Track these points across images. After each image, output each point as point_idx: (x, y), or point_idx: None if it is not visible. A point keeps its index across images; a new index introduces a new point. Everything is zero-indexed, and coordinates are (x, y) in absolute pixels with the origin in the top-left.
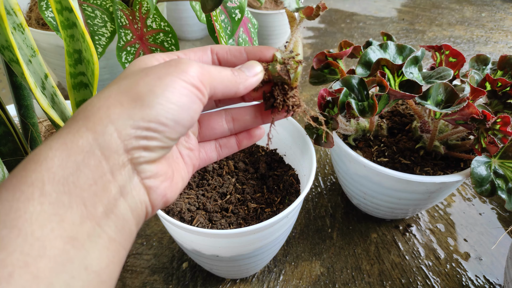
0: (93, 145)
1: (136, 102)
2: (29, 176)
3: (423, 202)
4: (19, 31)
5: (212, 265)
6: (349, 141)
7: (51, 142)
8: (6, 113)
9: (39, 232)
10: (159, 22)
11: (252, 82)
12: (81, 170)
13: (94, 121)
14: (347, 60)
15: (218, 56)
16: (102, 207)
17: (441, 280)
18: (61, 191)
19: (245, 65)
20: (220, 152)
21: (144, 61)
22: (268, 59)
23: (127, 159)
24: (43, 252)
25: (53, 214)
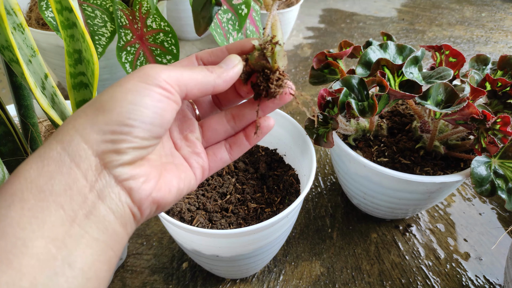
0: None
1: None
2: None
3: (423, 202)
4: (19, 31)
5: (212, 265)
6: (349, 141)
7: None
8: (6, 113)
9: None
10: (159, 22)
11: (231, 74)
12: (55, 177)
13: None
14: (347, 60)
15: (203, 60)
16: (80, 209)
17: (441, 280)
18: (39, 198)
19: (223, 60)
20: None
21: None
22: (249, 50)
23: (99, 164)
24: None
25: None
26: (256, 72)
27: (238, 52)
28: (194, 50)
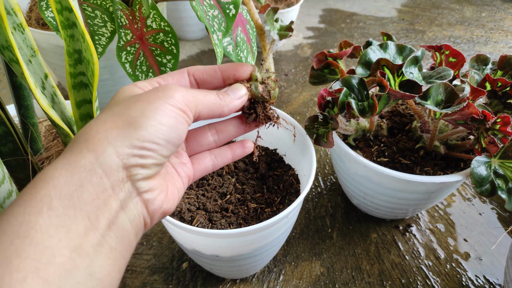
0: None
1: (131, 124)
2: (38, 193)
3: (423, 202)
4: (19, 31)
5: (212, 265)
6: (349, 141)
7: (56, 163)
8: (6, 113)
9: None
10: (159, 22)
11: (237, 104)
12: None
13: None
14: (347, 60)
15: (195, 77)
16: (104, 219)
17: (441, 280)
18: (67, 205)
19: (230, 88)
20: (215, 162)
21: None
22: (243, 77)
23: (126, 176)
24: (52, 260)
25: (60, 225)
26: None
27: (231, 75)
28: (194, 50)
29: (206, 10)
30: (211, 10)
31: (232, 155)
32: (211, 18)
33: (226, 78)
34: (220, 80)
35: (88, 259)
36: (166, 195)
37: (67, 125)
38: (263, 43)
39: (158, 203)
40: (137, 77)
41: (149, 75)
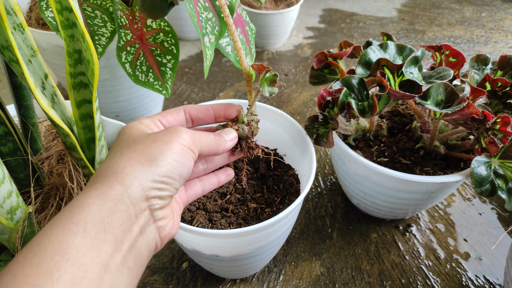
0: (123, 195)
1: (152, 162)
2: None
3: (423, 202)
4: (19, 31)
5: (212, 265)
6: (349, 141)
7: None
8: (6, 113)
9: (82, 260)
10: (159, 22)
11: (229, 145)
12: (114, 213)
13: (123, 177)
14: (347, 60)
15: (191, 115)
16: (127, 242)
17: (441, 280)
18: (99, 229)
19: (223, 131)
20: (204, 188)
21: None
22: (230, 116)
23: (146, 206)
24: (85, 275)
25: (93, 246)
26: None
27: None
28: (194, 50)
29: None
30: (205, 12)
31: (218, 181)
32: (204, 20)
33: (217, 116)
34: (212, 118)
35: (112, 276)
36: (173, 222)
37: (67, 125)
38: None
39: (168, 229)
40: (137, 77)
41: (149, 75)
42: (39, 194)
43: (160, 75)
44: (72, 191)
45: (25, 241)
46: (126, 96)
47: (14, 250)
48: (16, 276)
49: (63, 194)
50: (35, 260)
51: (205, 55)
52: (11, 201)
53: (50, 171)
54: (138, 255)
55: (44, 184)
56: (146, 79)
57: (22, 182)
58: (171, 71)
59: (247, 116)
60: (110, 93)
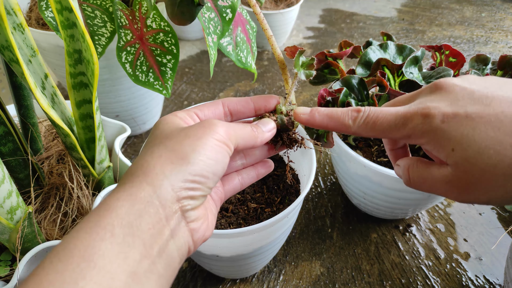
0: (152, 196)
1: (184, 160)
2: (101, 221)
3: (423, 202)
4: (19, 31)
5: (212, 265)
6: (349, 141)
7: (117, 194)
8: (6, 113)
9: (109, 266)
10: (159, 22)
11: (268, 136)
12: (143, 216)
13: (152, 177)
14: (347, 60)
15: (229, 108)
16: (157, 247)
17: (441, 280)
18: (127, 233)
19: (261, 121)
20: (242, 182)
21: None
22: (271, 107)
23: (178, 207)
24: (111, 283)
25: (120, 252)
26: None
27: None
28: (194, 50)
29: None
30: (208, 12)
31: (257, 174)
32: (207, 20)
33: (257, 109)
34: (252, 111)
35: (140, 284)
36: (207, 223)
37: (67, 125)
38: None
39: (201, 232)
40: (137, 77)
41: (149, 75)
42: (39, 194)
43: (160, 75)
44: (72, 191)
45: (25, 241)
46: (126, 96)
47: (14, 250)
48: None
49: (63, 194)
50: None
51: (210, 55)
52: (11, 201)
53: (50, 171)
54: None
55: (44, 184)
56: (146, 79)
57: (22, 182)
58: (171, 71)
59: (286, 106)
60: (110, 93)
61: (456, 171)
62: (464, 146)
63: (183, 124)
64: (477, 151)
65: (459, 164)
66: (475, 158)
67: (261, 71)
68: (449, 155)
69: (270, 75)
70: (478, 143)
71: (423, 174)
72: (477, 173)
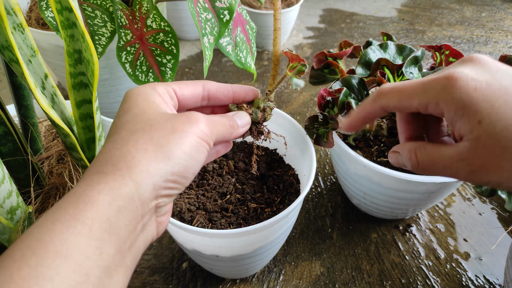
0: (134, 194)
1: (169, 159)
2: (80, 215)
3: (423, 202)
4: (19, 31)
5: (212, 265)
6: (349, 141)
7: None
8: (6, 113)
9: (85, 263)
10: (159, 22)
11: (241, 132)
12: (122, 212)
13: (136, 173)
14: (347, 60)
15: (209, 92)
16: (129, 242)
17: (441, 280)
18: (105, 229)
19: (237, 115)
20: None
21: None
22: (250, 99)
23: (154, 204)
24: (86, 279)
25: (96, 248)
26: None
27: (241, 96)
28: (194, 50)
29: (199, 12)
30: (205, 13)
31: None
32: (203, 21)
33: (236, 99)
34: (231, 100)
35: (111, 278)
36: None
37: (67, 125)
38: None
39: (165, 224)
40: (137, 77)
41: (149, 75)
42: (39, 194)
43: (160, 75)
44: None
45: None
46: None
47: None
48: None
49: (63, 194)
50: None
51: (205, 55)
52: (11, 201)
53: (50, 171)
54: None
55: (44, 184)
56: (146, 79)
57: (22, 182)
58: (171, 71)
59: (264, 102)
60: (110, 93)
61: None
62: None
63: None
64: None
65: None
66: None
67: (260, 71)
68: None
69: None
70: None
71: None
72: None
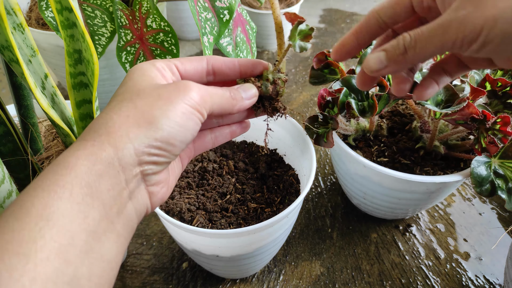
0: (114, 158)
1: (151, 124)
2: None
3: (423, 202)
4: (19, 31)
5: (212, 265)
6: (349, 141)
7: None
8: (6, 113)
9: (69, 226)
10: (159, 22)
11: (247, 104)
12: (103, 177)
13: (115, 138)
14: (347, 60)
15: (214, 67)
16: (116, 208)
17: (441, 280)
18: (86, 193)
19: (242, 87)
20: (215, 141)
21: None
22: (257, 73)
23: (139, 171)
24: (72, 242)
25: (80, 211)
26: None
27: (249, 70)
28: (194, 50)
29: (199, 12)
30: (205, 12)
31: (231, 133)
32: (203, 20)
33: (243, 73)
34: (237, 74)
35: (100, 243)
36: (167, 187)
37: (67, 125)
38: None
39: (160, 195)
40: None
41: None
42: None
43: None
44: None
45: None
46: None
47: None
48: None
49: None
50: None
51: (204, 54)
52: (11, 201)
53: None
54: (127, 221)
55: None
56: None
57: (22, 182)
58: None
59: (273, 73)
60: (110, 93)
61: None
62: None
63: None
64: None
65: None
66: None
67: None
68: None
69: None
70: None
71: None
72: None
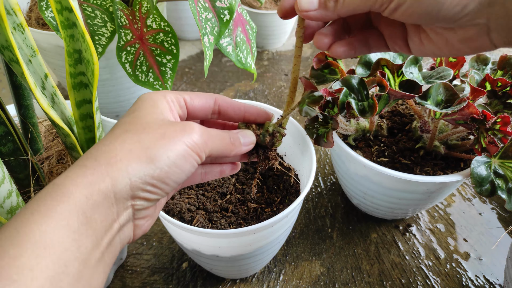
0: (110, 190)
1: (152, 162)
2: (58, 206)
3: (423, 202)
4: (19, 31)
5: (212, 265)
6: (349, 141)
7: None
8: (6, 113)
9: (64, 254)
10: (159, 22)
11: (243, 150)
12: (98, 207)
13: (114, 171)
14: (347, 60)
15: (220, 107)
16: (106, 239)
17: (441, 280)
18: (82, 222)
19: (242, 132)
20: (203, 177)
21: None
22: (261, 121)
23: (130, 205)
24: (65, 270)
25: (74, 240)
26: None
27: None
28: (194, 50)
29: (200, 12)
30: (205, 12)
31: (220, 172)
32: (203, 20)
33: (247, 119)
34: (241, 119)
35: (90, 272)
36: (152, 220)
37: (67, 125)
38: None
39: (144, 228)
40: (137, 77)
41: (149, 75)
42: None
43: (160, 75)
44: None
45: None
46: (126, 96)
47: None
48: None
49: None
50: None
51: (205, 54)
52: (11, 201)
53: (50, 171)
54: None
55: (44, 184)
56: (146, 79)
57: (22, 182)
58: (171, 71)
59: (274, 126)
60: (110, 93)
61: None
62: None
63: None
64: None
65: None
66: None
67: (261, 71)
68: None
69: (270, 75)
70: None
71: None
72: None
